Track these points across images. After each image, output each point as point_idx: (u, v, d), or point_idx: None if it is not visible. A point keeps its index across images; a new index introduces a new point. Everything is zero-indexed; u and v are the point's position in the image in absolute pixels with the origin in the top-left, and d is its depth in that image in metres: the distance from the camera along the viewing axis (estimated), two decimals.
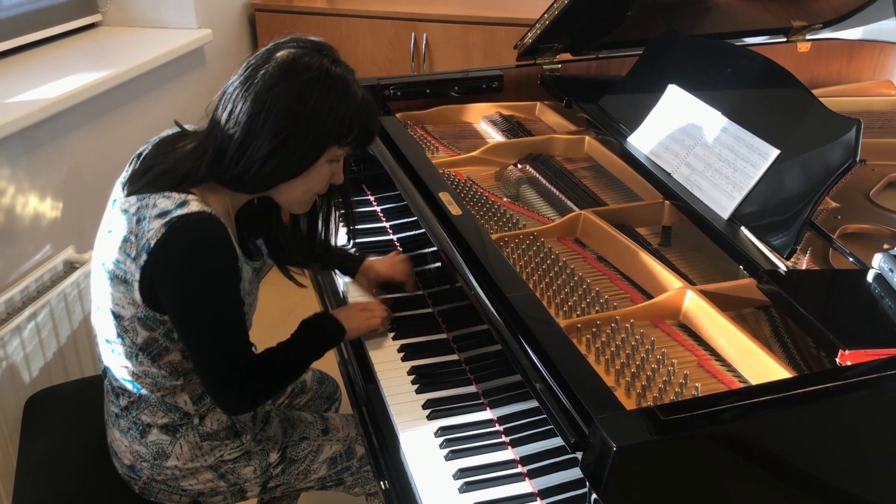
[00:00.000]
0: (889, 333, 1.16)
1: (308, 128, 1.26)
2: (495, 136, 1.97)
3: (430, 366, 1.50)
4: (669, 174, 1.60)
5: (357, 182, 2.06)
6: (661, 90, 1.72)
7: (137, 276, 1.28)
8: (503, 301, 1.23)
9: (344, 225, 1.59)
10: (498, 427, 1.34)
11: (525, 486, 1.23)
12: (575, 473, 1.05)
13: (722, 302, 1.28)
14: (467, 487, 1.23)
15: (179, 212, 1.25)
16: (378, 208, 1.98)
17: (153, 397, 1.41)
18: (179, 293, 1.29)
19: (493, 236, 1.48)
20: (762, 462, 1.01)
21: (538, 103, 2.08)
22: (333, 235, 1.58)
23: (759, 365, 1.17)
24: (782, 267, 1.32)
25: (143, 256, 1.27)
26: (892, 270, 1.23)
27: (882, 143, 1.77)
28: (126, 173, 1.38)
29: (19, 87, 2.07)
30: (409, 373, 1.49)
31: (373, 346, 1.56)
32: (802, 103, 1.47)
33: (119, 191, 1.36)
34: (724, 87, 1.62)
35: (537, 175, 1.77)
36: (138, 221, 1.28)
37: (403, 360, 1.52)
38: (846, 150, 1.34)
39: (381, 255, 1.73)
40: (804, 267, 1.37)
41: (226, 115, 1.26)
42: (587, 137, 1.86)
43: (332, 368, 1.77)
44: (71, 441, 1.60)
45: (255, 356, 1.43)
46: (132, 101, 2.41)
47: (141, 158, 1.38)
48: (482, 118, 2.06)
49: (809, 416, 1.03)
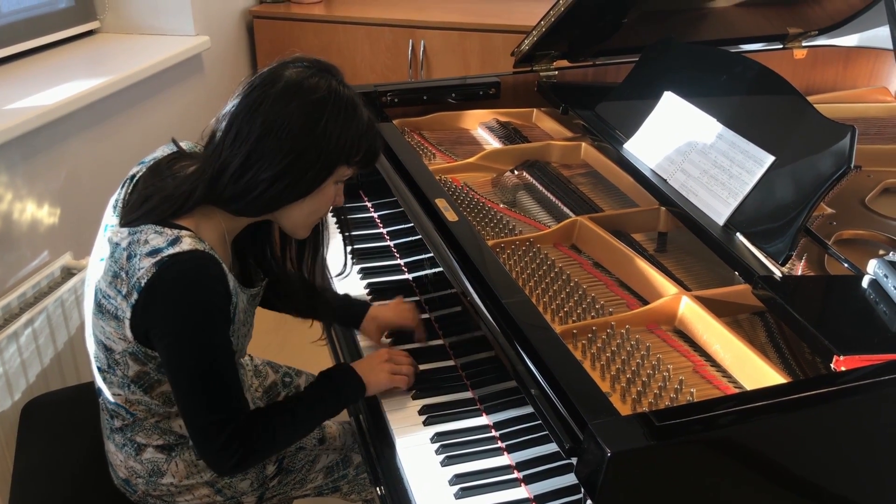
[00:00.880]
0: (883, 339, 1.16)
1: (318, 148, 1.24)
2: (492, 143, 1.97)
3: (426, 372, 1.50)
4: (665, 180, 1.61)
5: (354, 188, 2.06)
6: (657, 97, 1.73)
7: (128, 314, 1.25)
8: (499, 307, 1.24)
9: (347, 245, 1.55)
10: (494, 433, 1.34)
11: (521, 492, 1.23)
12: (571, 479, 1.04)
13: (717, 308, 1.29)
14: (463, 493, 1.23)
15: (171, 251, 1.21)
16: (375, 214, 1.98)
17: (147, 422, 1.40)
18: (167, 336, 1.25)
19: (490, 242, 1.48)
20: (756, 468, 1.01)
21: (535, 110, 2.09)
22: (328, 271, 1.52)
23: (755, 371, 1.17)
24: (777, 273, 1.32)
25: (134, 295, 1.23)
26: (886, 276, 1.23)
27: (878, 149, 1.78)
28: (119, 194, 1.34)
29: (17, 93, 2.08)
30: None
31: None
32: (797, 110, 1.48)
33: (111, 214, 1.32)
34: (720, 94, 1.63)
35: (534, 181, 1.78)
36: (129, 258, 1.24)
37: None
38: (840, 157, 1.35)
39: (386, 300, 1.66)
40: (800, 273, 1.37)
41: (231, 137, 1.23)
42: (584, 144, 1.87)
43: None
44: (67, 448, 1.59)
45: (249, 412, 1.32)
46: (130, 107, 2.42)
47: (134, 182, 1.33)
48: (479, 125, 2.07)
49: (803, 421, 1.03)
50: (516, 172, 1.82)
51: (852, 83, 2.26)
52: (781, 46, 2.26)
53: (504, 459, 1.29)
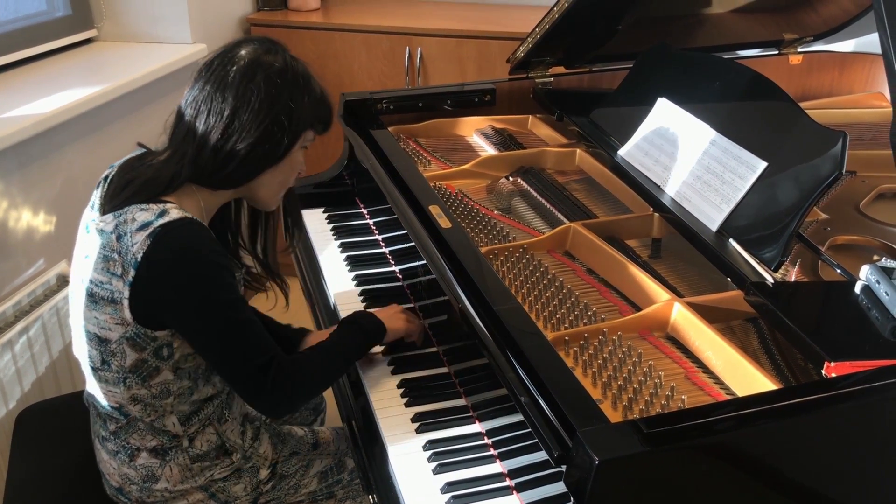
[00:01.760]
0: (875, 345, 1.16)
1: (288, 113, 1.33)
2: (487, 149, 1.97)
3: (419, 379, 1.50)
4: (659, 186, 1.61)
5: (350, 195, 2.07)
6: (651, 103, 1.73)
7: (127, 293, 1.27)
8: (490, 314, 1.24)
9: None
10: (486, 440, 1.34)
11: (513, 500, 1.22)
12: (563, 487, 1.04)
13: (710, 314, 1.28)
14: (455, 501, 1.22)
15: (161, 221, 1.26)
16: (371, 221, 1.98)
17: (141, 423, 1.40)
18: (180, 303, 1.28)
19: (483, 249, 1.48)
20: (746, 475, 1.01)
21: (530, 116, 2.09)
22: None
23: (747, 377, 1.16)
24: (770, 279, 1.32)
25: (131, 272, 1.26)
26: (879, 282, 1.23)
27: (872, 154, 1.77)
28: (95, 196, 1.38)
29: (14, 101, 2.08)
30: (399, 386, 1.48)
31: (362, 360, 1.56)
32: (790, 116, 1.48)
33: (89, 216, 1.36)
34: (713, 101, 1.63)
35: (529, 188, 1.78)
36: (119, 238, 1.27)
37: (393, 373, 1.52)
38: (832, 163, 1.35)
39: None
40: (793, 279, 1.37)
41: (203, 117, 1.31)
42: (578, 150, 1.87)
43: None
44: (62, 457, 1.59)
45: (284, 356, 1.37)
46: (127, 115, 2.42)
47: (108, 181, 1.37)
48: (475, 131, 2.07)
49: (794, 428, 1.03)
50: (511, 179, 1.82)
51: (848, 88, 2.26)
52: (777, 52, 2.26)
53: (496, 467, 1.28)
